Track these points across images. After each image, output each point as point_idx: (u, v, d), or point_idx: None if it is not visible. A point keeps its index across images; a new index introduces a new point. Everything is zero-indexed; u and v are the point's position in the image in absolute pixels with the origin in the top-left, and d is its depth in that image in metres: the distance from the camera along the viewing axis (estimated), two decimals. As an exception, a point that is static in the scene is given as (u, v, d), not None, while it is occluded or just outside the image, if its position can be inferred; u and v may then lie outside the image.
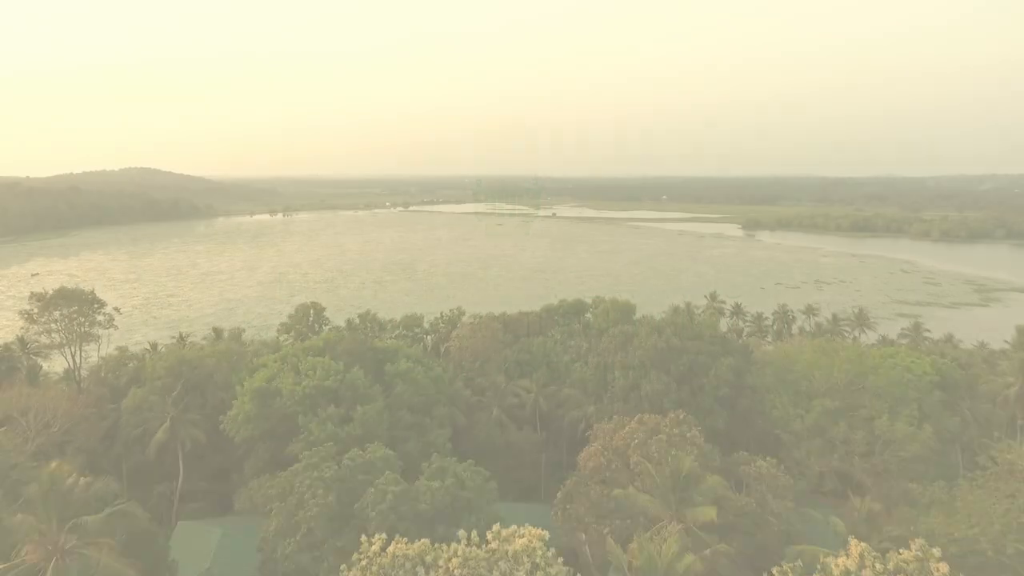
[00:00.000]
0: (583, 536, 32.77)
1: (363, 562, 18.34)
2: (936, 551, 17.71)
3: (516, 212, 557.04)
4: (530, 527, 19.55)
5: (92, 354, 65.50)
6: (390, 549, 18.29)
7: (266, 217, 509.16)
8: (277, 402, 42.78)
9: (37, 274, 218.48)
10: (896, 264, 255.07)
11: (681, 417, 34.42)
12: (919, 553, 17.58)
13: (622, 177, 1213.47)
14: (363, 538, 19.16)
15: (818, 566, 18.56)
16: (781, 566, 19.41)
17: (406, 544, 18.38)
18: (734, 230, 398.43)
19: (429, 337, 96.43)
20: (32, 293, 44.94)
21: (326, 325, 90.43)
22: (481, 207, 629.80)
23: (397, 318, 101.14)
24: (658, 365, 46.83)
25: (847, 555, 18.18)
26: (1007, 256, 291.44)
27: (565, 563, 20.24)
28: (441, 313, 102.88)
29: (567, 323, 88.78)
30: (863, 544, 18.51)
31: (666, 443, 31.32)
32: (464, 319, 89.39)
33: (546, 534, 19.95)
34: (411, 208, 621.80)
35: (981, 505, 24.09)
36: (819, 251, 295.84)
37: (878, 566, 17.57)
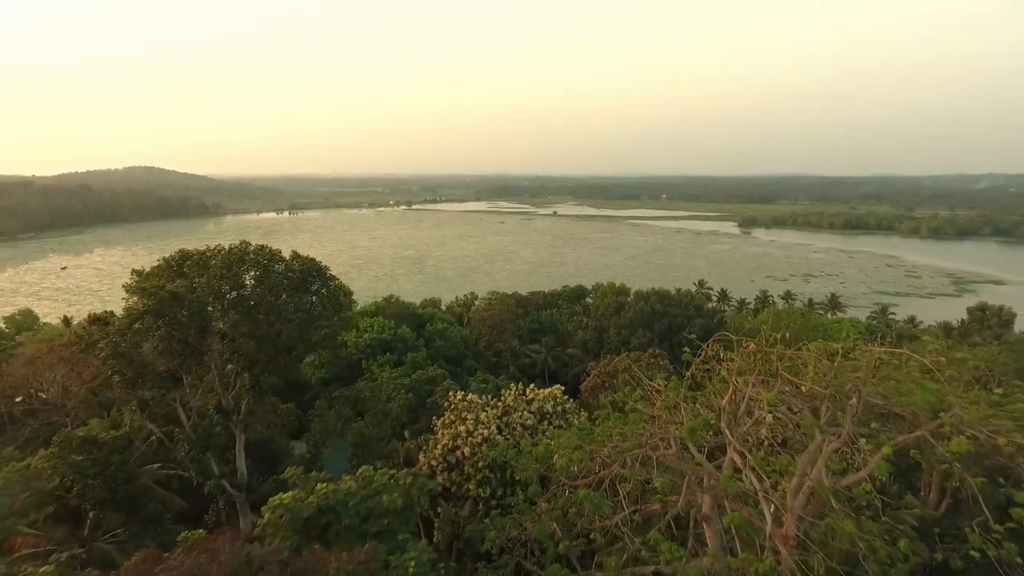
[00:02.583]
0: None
1: (452, 406, 29.97)
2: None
3: (517, 210, 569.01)
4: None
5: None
6: (469, 397, 30.02)
7: (273, 215, 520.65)
8: (344, 351, 54.51)
9: (66, 267, 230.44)
10: (882, 259, 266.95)
11: (656, 352, 46.16)
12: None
13: (622, 176, 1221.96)
14: (450, 393, 30.86)
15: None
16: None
17: (478, 396, 30.12)
18: (731, 228, 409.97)
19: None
20: (133, 269, 56.38)
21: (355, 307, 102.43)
22: (483, 205, 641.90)
23: (417, 303, 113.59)
24: (644, 325, 58.68)
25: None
26: (991, 252, 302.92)
27: None
28: (456, 298, 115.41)
29: (569, 305, 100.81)
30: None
31: (644, 367, 43.02)
32: (478, 301, 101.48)
33: (563, 388, 31.81)
34: (414, 206, 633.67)
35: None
36: (810, 247, 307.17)
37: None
